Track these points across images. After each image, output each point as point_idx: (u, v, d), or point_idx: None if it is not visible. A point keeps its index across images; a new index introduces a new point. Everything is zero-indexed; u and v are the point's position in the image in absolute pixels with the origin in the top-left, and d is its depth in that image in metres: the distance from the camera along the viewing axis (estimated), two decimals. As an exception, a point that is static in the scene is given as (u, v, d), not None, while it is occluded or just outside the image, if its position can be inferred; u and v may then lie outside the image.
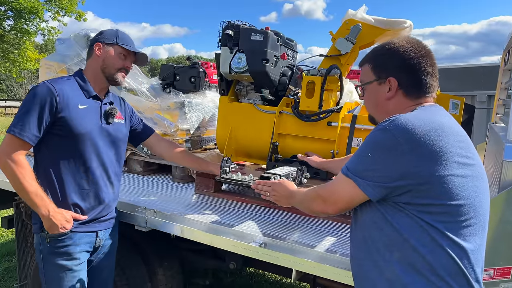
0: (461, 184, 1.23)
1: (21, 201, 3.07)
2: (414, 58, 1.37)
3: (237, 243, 2.01)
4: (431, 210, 1.23)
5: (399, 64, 1.39)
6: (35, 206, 1.88)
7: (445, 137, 1.24)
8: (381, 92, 1.43)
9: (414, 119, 1.25)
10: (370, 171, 1.28)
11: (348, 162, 1.37)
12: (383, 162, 1.25)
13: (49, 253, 1.99)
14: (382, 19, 2.46)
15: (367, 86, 1.48)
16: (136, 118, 2.39)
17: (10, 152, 1.86)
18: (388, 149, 1.24)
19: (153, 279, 2.62)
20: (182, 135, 3.13)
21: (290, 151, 2.58)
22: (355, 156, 1.36)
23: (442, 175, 1.20)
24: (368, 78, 1.47)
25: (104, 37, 2.09)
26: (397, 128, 1.23)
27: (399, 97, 1.41)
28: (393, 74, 1.40)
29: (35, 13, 19.78)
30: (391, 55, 1.40)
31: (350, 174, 1.33)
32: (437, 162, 1.20)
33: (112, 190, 2.16)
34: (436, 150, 1.21)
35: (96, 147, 2.03)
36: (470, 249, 1.25)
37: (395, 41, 1.43)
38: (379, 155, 1.26)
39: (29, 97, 1.91)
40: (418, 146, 1.20)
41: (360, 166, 1.31)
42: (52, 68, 3.53)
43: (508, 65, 3.08)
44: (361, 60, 1.55)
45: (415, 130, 1.21)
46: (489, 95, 5.99)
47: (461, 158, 1.25)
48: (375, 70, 1.44)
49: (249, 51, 2.53)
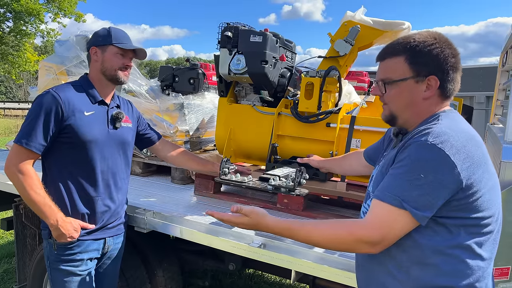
0: (492, 195, 1.21)
1: (20, 203, 3.07)
2: (454, 57, 1.27)
3: (237, 244, 2.01)
4: (465, 223, 1.18)
5: (442, 62, 1.26)
6: (44, 216, 1.88)
7: (480, 147, 1.20)
8: (418, 91, 1.28)
9: (451, 130, 1.18)
10: (427, 195, 1.14)
11: (392, 188, 1.18)
12: (439, 181, 1.13)
13: (56, 260, 1.99)
14: (381, 21, 2.47)
15: (398, 83, 1.30)
16: (143, 122, 2.36)
17: (17, 162, 1.86)
18: (440, 167, 1.13)
19: (153, 281, 2.63)
20: (181, 137, 3.13)
21: (289, 152, 2.59)
22: (400, 180, 1.18)
23: (481, 186, 1.17)
24: (402, 73, 1.29)
25: (97, 39, 2.04)
26: (443, 142, 1.14)
27: (434, 97, 1.29)
28: (434, 72, 1.26)
29: (36, 15, 19.77)
30: (434, 51, 1.26)
31: (406, 205, 1.15)
32: (478, 173, 1.16)
33: (120, 195, 2.14)
34: (477, 161, 1.16)
35: (103, 153, 2.01)
36: (490, 260, 1.24)
37: (432, 35, 1.28)
38: (433, 174, 1.13)
39: (35, 106, 1.90)
40: (465, 159, 1.14)
41: (413, 191, 1.15)
42: (51, 70, 3.53)
43: (506, 66, 3.10)
44: (386, 51, 1.34)
45: (458, 142, 1.15)
46: (487, 96, 6.01)
47: (491, 167, 1.23)
48: (413, 65, 1.27)
49: (248, 53, 2.54)
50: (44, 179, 1.98)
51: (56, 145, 1.92)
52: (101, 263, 2.15)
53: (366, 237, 1.18)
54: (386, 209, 1.17)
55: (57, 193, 1.94)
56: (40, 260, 2.77)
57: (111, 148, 2.04)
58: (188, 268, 2.97)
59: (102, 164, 2.01)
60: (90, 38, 2.10)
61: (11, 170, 1.87)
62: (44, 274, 2.78)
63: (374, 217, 1.20)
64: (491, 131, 2.97)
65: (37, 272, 2.84)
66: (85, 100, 1.99)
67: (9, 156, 1.90)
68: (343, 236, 1.22)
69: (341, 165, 2.14)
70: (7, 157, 1.90)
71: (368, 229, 1.19)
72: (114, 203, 2.09)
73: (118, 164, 2.09)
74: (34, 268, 2.85)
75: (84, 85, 2.03)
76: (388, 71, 1.32)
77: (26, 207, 3.01)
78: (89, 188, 1.99)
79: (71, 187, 1.96)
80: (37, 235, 3.10)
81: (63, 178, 1.96)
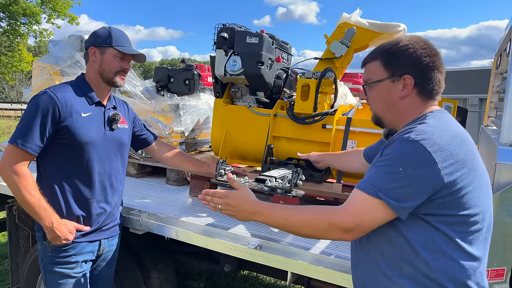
0: (479, 193, 1.22)
1: (14, 204, 3.04)
2: (429, 56, 1.31)
3: (233, 245, 2.01)
4: (452, 220, 1.20)
5: (415, 62, 1.31)
6: (39, 218, 1.85)
7: (466, 145, 1.22)
8: (394, 91, 1.34)
9: (435, 129, 1.21)
10: (403, 188, 1.17)
11: (371, 179, 1.23)
12: (417, 176, 1.16)
13: (51, 262, 1.97)
14: (376, 23, 2.48)
15: (377, 85, 1.37)
16: (139, 123, 2.34)
17: (12, 163, 1.82)
18: (420, 162, 1.16)
19: (148, 283, 2.61)
20: (176, 138, 3.12)
21: (285, 154, 2.59)
22: (380, 172, 1.22)
23: (466, 184, 1.18)
24: (378, 75, 1.36)
25: (97, 39, 1.99)
26: (426, 139, 1.17)
27: (412, 96, 1.33)
28: (408, 71, 1.31)
29: (33, 17, 19.65)
30: (406, 52, 1.31)
31: (381, 194, 1.18)
32: (462, 171, 1.18)
33: (116, 197, 2.12)
34: (461, 159, 1.18)
35: (100, 155, 1.99)
36: (481, 259, 1.25)
37: (406, 38, 1.35)
38: (411, 168, 1.16)
39: (31, 106, 1.86)
40: (447, 156, 1.16)
41: (391, 183, 1.18)
42: (45, 70, 3.50)
43: (500, 68, 3.12)
44: (366, 57, 1.43)
45: (442, 140, 1.18)
46: (480, 98, 6.06)
47: (478, 166, 1.24)
48: (387, 67, 1.34)
49: (244, 54, 2.54)
50: (39, 181, 1.95)
51: (52, 146, 1.90)
52: (96, 265, 2.13)
53: (339, 222, 1.22)
54: (362, 197, 1.21)
55: (52, 194, 1.92)
56: (34, 262, 2.74)
57: (107, 150, 2.02)
58: (183, 270, 2.96)
59: (99, 166, 1.99)
60: (89, 37, 2.05)
61: (5, 171, 1.83)
62: (37, 276, 2.76)
63: (350, 204, 1.25)
64: (485, 133, 2.99)
65: (30, 274, 2.81)
66: (82, 101, 1.96)
67: (4, 157, 1.87)
68: (317, 220, 1.27)
69: (341, 160, 2.16)
70: (1, 158, 1.88)
71: (342, 215, 1.23)
72: (109, 205, 2.08)
73: (114, 165, 2.08)
74: (28, 270, 2.82)
75: (81, 86, 2.00)
76: (368, 74, 1.41)
77: (19, 208, 2.98)
78: (85, 190, 1.97)
79: (67, 189, 1.94)
80: (31, 237, 3.07)
81: (59, 180, 1.93)
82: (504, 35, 2.81)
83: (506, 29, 2.78)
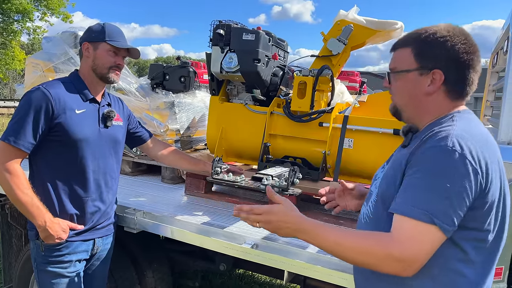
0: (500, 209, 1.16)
1: (6, 203, 3.00)
2: (468, 53, 1.18)
3: (229, 244, 1.99)
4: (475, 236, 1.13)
5: (451, 57, 1.18)
6: (31, 217, 1.82)
7: (497, 152, 1.17)
8: (421, 85, 1.22)
9: (468, 135, 1.11)
10: (453, 207, 1.06)
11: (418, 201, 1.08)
12: (465, 191, 1.06)
13: (44, 261, 1.94)
14: (374, 20, 2.46)
15: (403, 75, 1.25)
16: (134, 120, 2.31)
17: (4, 161, 1.78)
18: (464, 175, 1.06)
19: (142, 282, 2.59)
20: (172, 136, 3.10)
21: (282, 152, 2.57)
22: (426, 191, 1.08)
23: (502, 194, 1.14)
24: (407, 65, 1.24)
25: (91, 35, 1.97)
26: (464, 148, 1.07)
27: (439, 94, 1.22)
28: (440, 66, 1.19)
29: (26, 14, 19.52)
30: (443, 44, 1.18)
31: (437, 221, 1.05)
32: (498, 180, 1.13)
33: (110, 196, 2.09)
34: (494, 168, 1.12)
35: (94, 153, 1.95)
36: (488, 275, 1.19)
37: (446, 28, 1.21)
38: (460, 184, 1.06)
39: (24, 103, 1.82)
40: (484, 165, 1.09)
41: (441, 204, 1.06)
42: (38, 67, 3.46)
43: (496, 67, 3.12)
44: (397, 42, 1.30)
45: (477, 148, 1.09)
46: (475, 97, 6.08)
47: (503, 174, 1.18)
48: (418, 57, 1.21)
49: (241, 51, 2.51)
50: (32, 179, 1.92)
51: (45, 143, 1.86)
52: (90, 264, 2.10)
53: (399, 253, 1.06)
54: (415, 225, 1.07)
55: (45, 193, 1.88)
56: (27, 261, 2.71)
57: (102, 147, 1.99)
58: (178, 269, 2.94)
59: (93, 163, 1.96)
60: (83, 33, 2.03)
61: None
62: (30, 275, 2.73)
63: (404, 234, 1.08)
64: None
65: (23, 273, 2.78)
66: (76, 97, 1.92)
67: None
68: (374, 246, 1.10)
69: None
70: None
71: (402, 245, 1.07)
72: (104, 204, 2.05)
73: (109, 163, 2.05)
74: (20, 269, 2.79)
75: (75, 82, 1.97)
76: (396, 61, 1.28)
77: (12, 206, 2.94)
78: (79, 188, 1.94)
79: (60, 187, 1.90)
80: (23, 236, 3.04)
81: (52, 178, 1.90)
82: (501, 34, 2.81)
83: (503, 28, 2.78)
